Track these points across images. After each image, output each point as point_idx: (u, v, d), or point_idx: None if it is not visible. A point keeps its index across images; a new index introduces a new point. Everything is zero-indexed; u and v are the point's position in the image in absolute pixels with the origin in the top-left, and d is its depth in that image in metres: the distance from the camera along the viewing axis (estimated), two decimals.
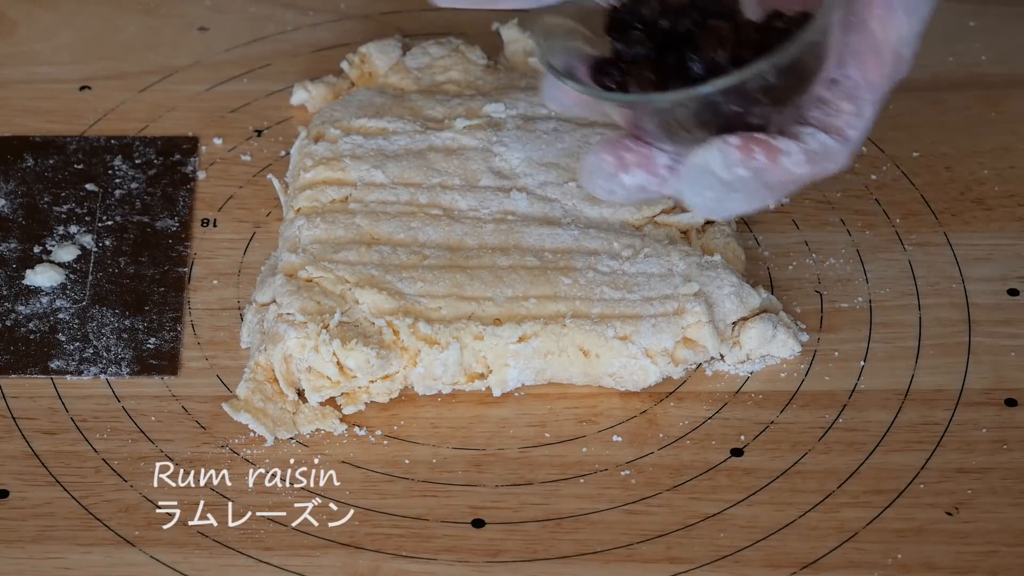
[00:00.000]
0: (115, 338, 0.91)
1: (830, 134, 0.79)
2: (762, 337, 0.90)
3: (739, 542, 0.83)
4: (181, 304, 0.93)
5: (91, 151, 1.01)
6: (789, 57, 0.77)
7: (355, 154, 0.97)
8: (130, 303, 0.93)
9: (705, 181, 0.78)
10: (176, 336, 0.92)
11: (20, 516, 0.84)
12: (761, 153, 0.78)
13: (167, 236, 0.97)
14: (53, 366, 0.90)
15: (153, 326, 0.92)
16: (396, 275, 0.90)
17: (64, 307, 0.92)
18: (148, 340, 0.91)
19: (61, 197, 0.98)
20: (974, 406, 0.89)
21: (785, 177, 0.79)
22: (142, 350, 0.91)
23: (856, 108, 0.80)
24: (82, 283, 0.93)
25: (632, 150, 0.81)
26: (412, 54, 1.05)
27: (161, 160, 1.01)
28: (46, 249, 0.95)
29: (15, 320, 0.92)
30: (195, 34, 1.11)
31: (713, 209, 0.80)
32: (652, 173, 0.80)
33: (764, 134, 0.78)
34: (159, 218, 0.97)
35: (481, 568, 0.82)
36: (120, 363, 0.90)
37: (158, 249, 0.96)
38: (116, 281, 0.94)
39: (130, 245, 0.96)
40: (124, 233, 0.97)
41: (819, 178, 0.80)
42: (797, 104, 0.79)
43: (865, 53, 0.81)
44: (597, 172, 0.81)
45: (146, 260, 0.95)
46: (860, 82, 0.81)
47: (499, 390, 0.89)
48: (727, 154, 0.77)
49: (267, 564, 0.82)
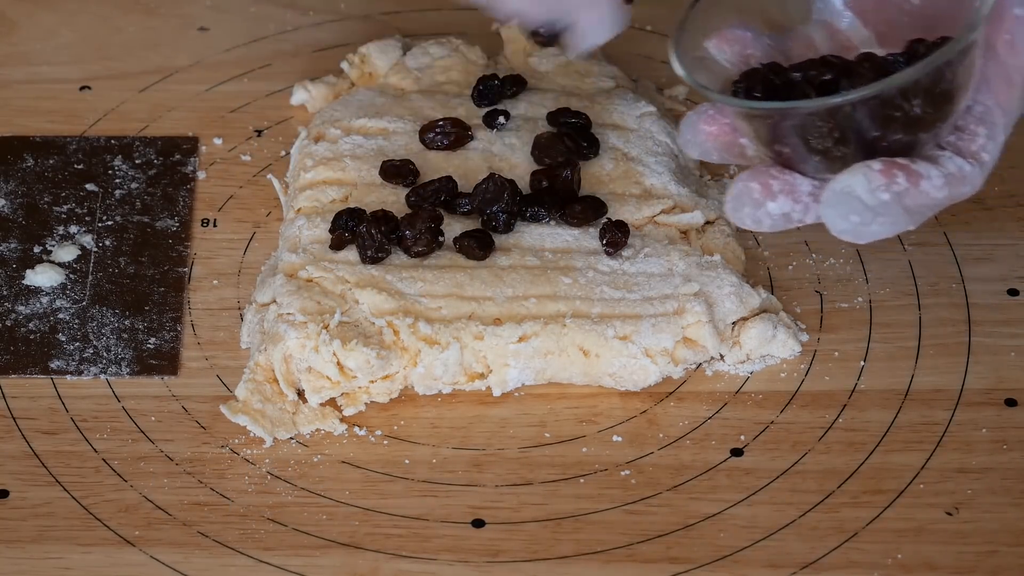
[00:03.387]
0: (115, 338, 0.91)
1: (965, 158, 0.81)
2: (762, 337, 0.90)
3: (739, 542, 0.83)
4: (181, 304, 0.93)
5: (91, 151, 1.01)
6: (927, 69, 0.78)
7: (355, 154, 0.97)
8: (130, 303, 0.93)
9: (849, 206, 0.79)
10: (176, 336, 0.92)
11: (20, 516, 0.84)
12: (903, 177, 0.79)
13: (167, 236, 0.97)
14: (53, 366, 0.90)
15: (153, 326, 0.92)
16: (396, 275, 0.90)
17: (64, 307, 0.92)
18: (148, 340, 0.91)
19: (61, 197, 0.98)
20: (974, 406, 0.89)
21: (925, 201, 0.80)
22: (142, 350, 0.91)
23: (989, 132, 0.81)
24: (82, 283, 0.93)
25: (776, 177, 0.82)
26: (412, 54, 1.05)
27: (161, 160, 1.01)
28: (46, 249, 0.95)
29: (15, 320, 0.92)
30: (195, 34, 1.11)
31: (858, 233, 0.80)
32: (796, 200, 0.82)
33: (903, 159, 0.80)
34: (159, 218, 0.98)
35: (481, 568, 0.82)
36: (120, 363, 0.90)
37: (158, 249, 0.96)
38: (116, 281, 0.94)
39: (130, 245, 0.96)
40: (124, 233, 0.97)
41: (955, 201, 0.81)
42: (937, 129, 0.81)
43: (996, 78, 0.82)
44: (745, 200, 0.82)
45: (146, 260, 0.95)
46: (992, 107, 0.82)
47: (499, 390, 0.89)
48: (870, 178, 0.79)
49: (267, 564, 0.82)
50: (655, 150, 0.98)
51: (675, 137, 1.00)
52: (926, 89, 0.79)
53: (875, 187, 0.79)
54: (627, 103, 1.01)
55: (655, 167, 0.97)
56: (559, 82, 1.03)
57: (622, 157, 0.97)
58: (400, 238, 0.91)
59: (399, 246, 0.91)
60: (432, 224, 0.91)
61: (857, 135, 0.80)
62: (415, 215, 0.91)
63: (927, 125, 0.80)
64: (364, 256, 0.90)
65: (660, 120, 1.00)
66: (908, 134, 0.80)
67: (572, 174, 0.94)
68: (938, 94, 0.80)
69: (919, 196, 0.80)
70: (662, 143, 0.98)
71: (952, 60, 0.79)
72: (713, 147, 0.85)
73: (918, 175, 0.79)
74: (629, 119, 1.00)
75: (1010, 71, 0.82)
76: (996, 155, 0.82)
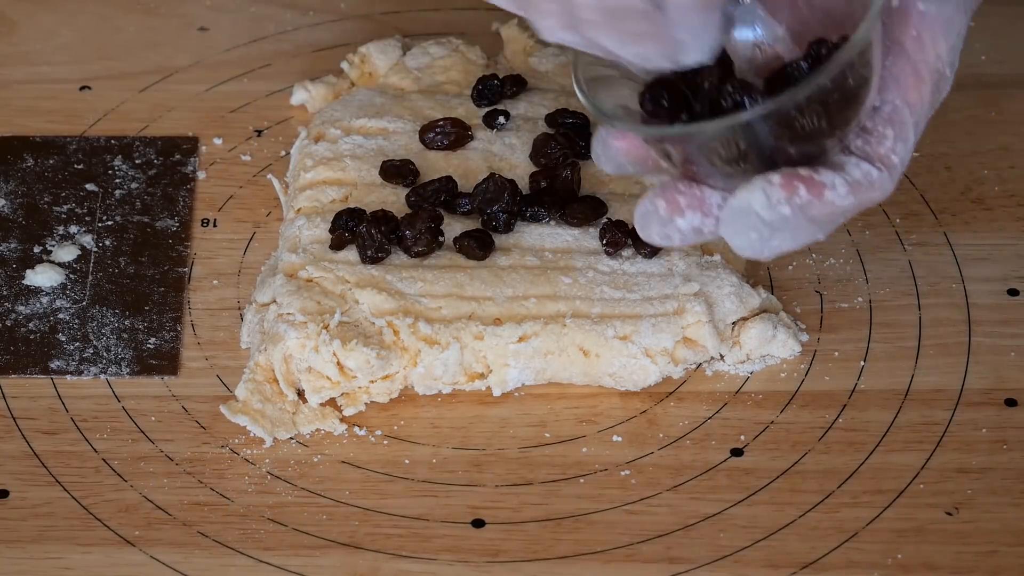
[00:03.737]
0: (115, 338, 0.91)
1: (873, 163, 0.78)
2: (762, 337, 0.90)
3: (739, 542, 0.83)
4: (181, 304, 0.93)
5: (91, 151, 1.01)
6: (829, 76, 0.75)
7: (355, 154, 0.97)
8: (130, 303, 0.93)
9: (748, 222, 0.77)
10: (176, 336, 0.92)
11: (20, 516, 0.84)
12: (804, 189, 0.76)
13: (167, 236, 0.97)
14: (53, 366, 0.90)
15: (153, 326, 0.92)
16: (396, 275, 0.90)
17: (64, 307, 0.92)
18: (148, 340, 0.91)
19: (61, 197, 0.98)
20: (974, 406, 0.89)
21: (830, 210, 0.77)
22: (142, 350, 0.91)
23: (898, 133, 0.78)
24: (82, 283, 0.93)
25: (684, 193, 0.79)
26: (412, 54, 1.05)
27: (161, 160, 1.01)
28: (46, 249, 0.95)
29: (15, 320, 0.92)
30: (195, 34, 1.11)
31: (758, 250, 0.78)
32: (706, 214, 0.79)
33: (806, 168, 0.77)
34: (159, 218, 0.97)
35: (481, 568, 0.82)
36: (120, 363, 0.90)
37: (158, 249, 0.96)
38: (116, 281, 0.94)
39: (130, 245, 0.96)
40: (124, 233, 0.97)
41: (865, 208, 0.78)
42: (841, 135, 0.78)
43: (904, 76, 0.79)
44: (652, 218, 0.79)
45: (146, 260, 0.95)
46: (901, 106, 0.79)
47: (499, 390, 0.89)
48: (770, 193, 0.76)
49: (267, 564, 0.82)
50: None
51: None
52: (824, 98, 0.76)
53: (775, 202, 0.76)
54: None
55: None
56: (559, 82, 1.03)
57: None
58: (400, 238, 0.91)
59: (399, 246, 0.91)
60: (432, 224, 0.91)
61: (758, 149, 0.77)
62: (415, 215, 0.91)
63: (829, 133, 0.77)
64: (364, 256, 0.90)
65: None
66: (810, 144, 0.77)
67: (572, 174, 0.94)
68: (838, 100, 0.76)
69: (824, 206, 0.76)
70: None
71: (851, 63, 0.75)
72: (627, 161, 0.82)
73: (821, 185, 0.76)
74: None
75: (919, 67, 0.79)
76: (907, 156, 0.79)
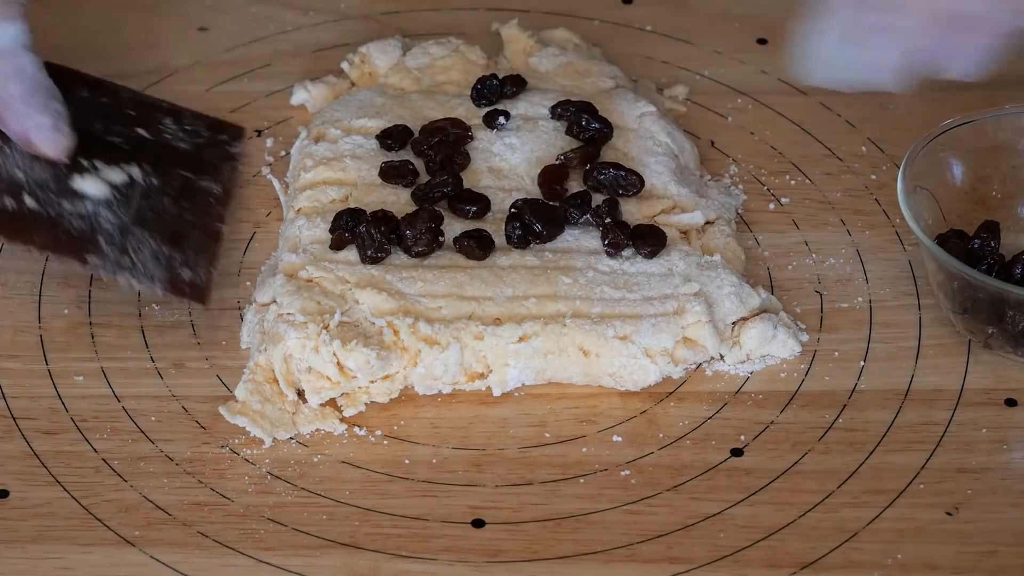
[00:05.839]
0: (152, 259, 0.90)
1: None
2: (762, 337, 0.90)
3: (739, 542, 0.83)
4: (216, 253, 0.92)
5: (143, 104, 0.99)
6: None
7: (355, 154, 0.97)
8: (169, 236, 0.92)
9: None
10: (208, 277, 0.91)
11: (20, 516, 0.84)
12: None
13: (208, 195, 0.95)
14: (90, 260, 0.89)
15: (189, 261, 0.91)
16: (396, 275, 0.90)
17: (107, 218, 0.91)
18: (183, 270, 0.91)
19: (113, 130, 0.96)
20: (974, 406, 0.89)
21: None
22: (176, 275, 0.90)
23: None
24: (127, 205, 0.92)
25: None
26: (412, 54, 1.05)
27: (209, 134, 0.99)
28: (95, 165, 0.93)
29: (59, 212, 0.90)
30: (195, 34, 1.11)
31: None
32: None
33: None
34: (203, 179, 0.96)
35: (481, 568, 0.82)
36: (153, 279, 0.90)
37: (198, 203, 0.94)
38: (159, 213, 0.92)
39: (174, 191, 0.94)
40: (169, 179, 0.94)
41: None
42: None
43: None
44: None
45: (188, 208, 0.93)
46: None
47: (499, 390, 0.89)
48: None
49: (267, 564, 0.82)
50: (655, 150, 0.98)
51: (675, 137, 1.00)
52: None
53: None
54: (627, 103, 1.01)
55: (655, 167, 0.97)
56: (559, 82, 1.03)
57: (622, 157, 0.97)
58: (400, 238, 0.91)
59: (399, 246, 0.91)
60: (432, 224, 0.91)
61: None
62: (415, 215, 0.91)
63: None
64: (364, 256, 0.91)
65: (660, 120, 1.00)
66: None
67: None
68: None
69: None
70: (662, 143, 0.98)
71: None
72: None
73: None
74: (629, 119, 1.00)
75: None
76: None
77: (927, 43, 0.84)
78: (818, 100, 1.06)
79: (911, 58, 0.85)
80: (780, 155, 1.03)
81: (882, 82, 0.86)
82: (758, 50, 1.10)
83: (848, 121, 1.05)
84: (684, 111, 1.05)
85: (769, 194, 1.00)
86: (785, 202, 1.00)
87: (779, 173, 1.01)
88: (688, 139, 1.01)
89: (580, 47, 1.07)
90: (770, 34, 1.11)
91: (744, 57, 1.09)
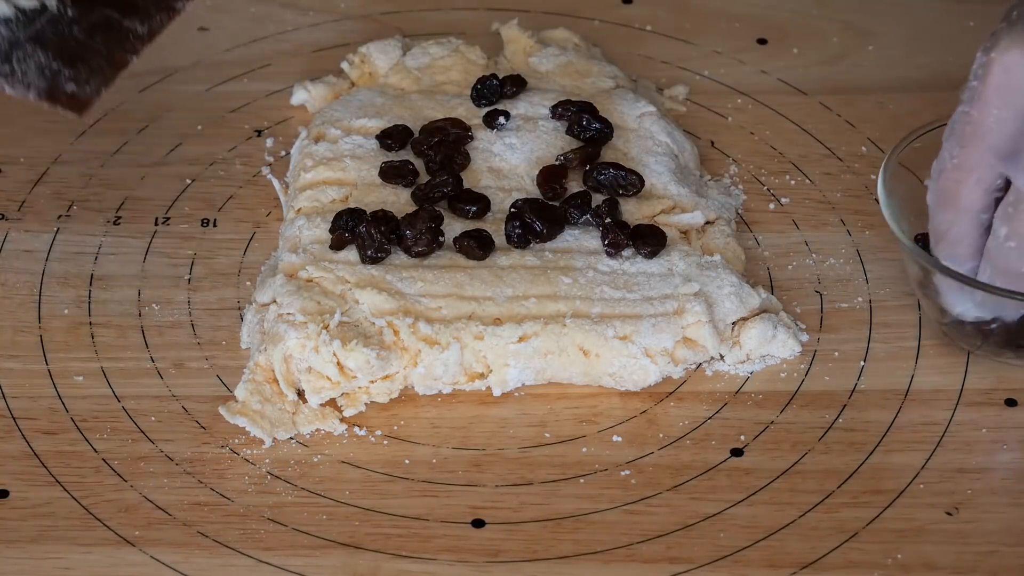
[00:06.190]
0: (36, 70, 0.88)
1: None
2: (762, 337, 0.90)
3: (739, 542, 0.83)
4: (112, 78, 0.90)
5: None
6: None
7: (355, 154, 0.97)
8: (65, 57, 0.89)
9: None
10: (94, 94, 0.88)
11: (20, 516, 0.84)
12: None
13: (129, 31, 0.91)
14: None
15: (78, 78, 0.88)
16: (396, 275, 0.90)
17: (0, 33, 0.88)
18: (67, 84, 0.88)
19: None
20: (974, 406, 0.89)
21: None
22: (57, 87, 0.87)
23: None
24: (26, 25, 0.88)
25: None
26: (412, 54, 1.05)
27: None
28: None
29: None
30: (195, 34, 1.11)
31: None
32: None
33: None
34: (129, 19, 0.89)
35: (481, 568, 0.82)
36: (30, 86, 0.87)
37: (113, 36, 0.90)
38: (62, 39, 0.89)
39: (89, 24, 0.90)
40: (89, 14, 0.90)
41: None
42: None
43: None
44: None
45: (101, 40, 0.90)
46: None
47: (499, 390, 0.89)
48: None
49: (267, 564, 0.82)
50: (655, 150, 0.98)
51: (675, 137, 1.00)
52: None
53: None
54: (627, 103, 1.01)
55: (655, 167, 0.97)
56: (559, 82, 1.03)
57: (622, 157, 0.97)
58: (400, 238, 0.91)
59: (399, 246, 0.91)
60: (432, 224, 0.91)
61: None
62: (415, 215, 0.91)
63: None
64: (364, 256, 0.91)
65: (660, 120, 1.00)
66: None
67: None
68: None
69: None
70: (662, 143, 0.99)
71: None
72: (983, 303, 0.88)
73: None
74: (629, 119, 1.00)
75: None
76: None
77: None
78: (818, 100, 1.06)
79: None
80: (780, 155, 1.03)
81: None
82: (758, 50, 1.10)
83: (848, 121, 1.05)
84: (684, 111, 1.05)
85: (769, 194, 1.00)
86: (785, 202, 1.00)
87: (779, 173, 1.01)
88: (688, 139, 1.01)
89: (580, 47, 1.07)
90: (770, 34, 1.11)
91: (744, 57, 1.09)
